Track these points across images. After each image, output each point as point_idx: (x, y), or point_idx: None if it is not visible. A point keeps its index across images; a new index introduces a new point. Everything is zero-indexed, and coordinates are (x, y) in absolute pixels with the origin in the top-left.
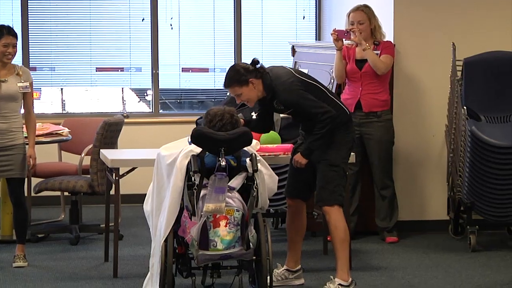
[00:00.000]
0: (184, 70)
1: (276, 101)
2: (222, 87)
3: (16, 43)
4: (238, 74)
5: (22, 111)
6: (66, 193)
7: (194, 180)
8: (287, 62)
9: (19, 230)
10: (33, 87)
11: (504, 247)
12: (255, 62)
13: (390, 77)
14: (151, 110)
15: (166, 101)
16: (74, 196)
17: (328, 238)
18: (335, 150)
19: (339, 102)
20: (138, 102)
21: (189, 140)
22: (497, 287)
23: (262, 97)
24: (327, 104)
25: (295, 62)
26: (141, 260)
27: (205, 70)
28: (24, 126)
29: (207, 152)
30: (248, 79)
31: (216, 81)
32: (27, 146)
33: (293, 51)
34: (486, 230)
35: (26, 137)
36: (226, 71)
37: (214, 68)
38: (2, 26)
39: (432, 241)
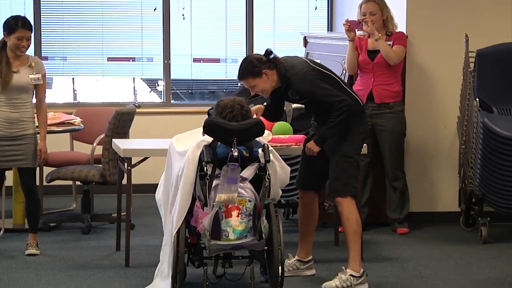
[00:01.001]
0: (196, 60)
1: (291, 91)
2: (234, 78)
3: (30, 36)
4: (252, 66)
5: (34, 100)
6: (78, 183)
7: (207, 170)
8: (299, 53)
9: (31, 220)
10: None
11: None
12: (268, 52)
13: (402, 68)
14: (162, 100)
15: (178, 91)
16: (86, 185)
17: (340, 229)
18: (349, 142)
19: (352, 93)
20: (149, 92)
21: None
22: (508, 279)
23: (276, 87)
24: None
25: (307, 53)
26: (152, 250)
27: (217, 60)
28: (35, 116)
29: (219, 143)
30: (262, 70)
31: (227, 71)
32: (38, 135)
33: (305, 42)
34: (497, 222)
35: (37, 127)
36: (240, 63)
37: (226, 59)
38: (17, 18)
39: (443, 233)
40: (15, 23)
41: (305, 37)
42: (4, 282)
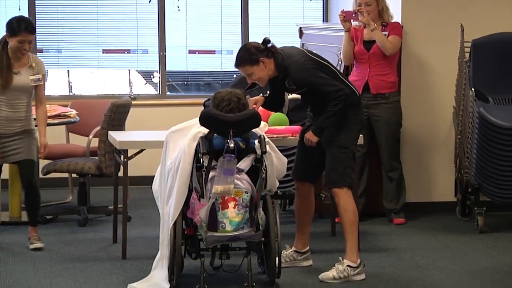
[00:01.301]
0: (191, 52)
1: (288, 81)
2: (229, 69)
3: (32, 39)
4: (249, 53)
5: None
6: (74, 175)
7: (203, 162)
8: (295, 44)
9: (31, 213)
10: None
11: (511, 229)
12: (266, 41)
13: (398, 58)
14: (158, 92)
15: (173, 83)
16: (82, 177)
17: (337, 220)
18: (345, 132)
19: (349, 83)
20: (145, 84)
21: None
22: (504, 268)
23: (273, 76)
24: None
25: (303, 44)
26: (149, 242)
27: (212, 52)
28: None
29: (215, 134)
30: (259, 58)
31: (223, 63)
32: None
33: (301, 33)
34: (493, 212)
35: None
36: (237, 51)
37: (221, 50)
38: (21, 20)
39: (440, 223)
40: (18, 26)
41: (300, 28)
42: (1, 275)
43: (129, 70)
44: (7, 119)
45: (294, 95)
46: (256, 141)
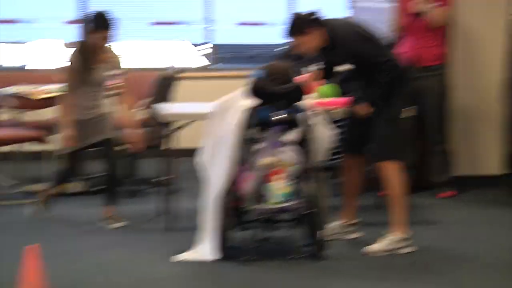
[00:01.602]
0: (240, 24)
1: (337, 51)
2: (276, 42)
3: (113, 35)
4: (298, 24)
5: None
6: None
7: (250, 134)
8: (343, 16)
9: (110, 192)
10: None
11: None
12: (315, 12)
13: (446, 30)
14: (206, 65)
15: (221, 55)
16: None
17: (381, 193)
18: (392, 105)
19: (396, 56)
20: (193, 56)
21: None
22: None
23: (322, 47)
24: None
25: (352, 16)
26: (194, 214)
27: (260, 24)
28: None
29: (263, 106)
30: (309, 29)
31: (270, 35)
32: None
33: (350, 5)
34: None
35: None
36: (288, 21)
37: (269, 23)
38: (101, 16)
39: (489, 197)
40: (98, 23)
41: None
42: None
43: (177, 42)
44: (81, 107)
45: (343, 67)
46: (303, 114)
